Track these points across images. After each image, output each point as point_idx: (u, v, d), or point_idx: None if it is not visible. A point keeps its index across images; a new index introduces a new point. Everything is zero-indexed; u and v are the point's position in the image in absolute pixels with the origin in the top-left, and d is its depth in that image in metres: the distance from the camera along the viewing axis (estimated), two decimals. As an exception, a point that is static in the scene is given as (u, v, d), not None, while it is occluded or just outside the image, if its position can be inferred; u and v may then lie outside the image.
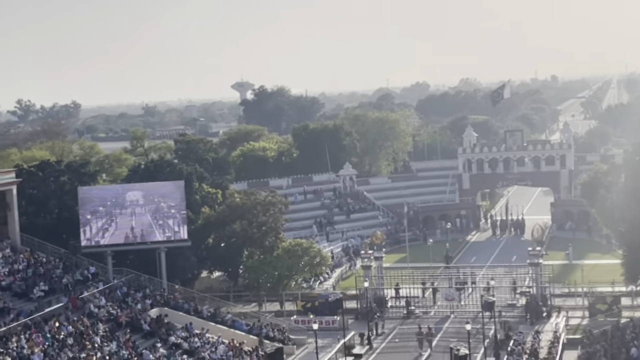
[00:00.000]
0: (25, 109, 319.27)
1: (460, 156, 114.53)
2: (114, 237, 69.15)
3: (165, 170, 79.74)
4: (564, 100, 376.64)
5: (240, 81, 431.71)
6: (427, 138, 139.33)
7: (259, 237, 76.22)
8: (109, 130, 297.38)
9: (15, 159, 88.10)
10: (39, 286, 59.65)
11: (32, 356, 48.84)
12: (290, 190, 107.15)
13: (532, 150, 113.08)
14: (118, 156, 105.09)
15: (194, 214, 76.88)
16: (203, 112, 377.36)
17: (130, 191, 70.41)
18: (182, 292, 69.46)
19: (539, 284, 68.36)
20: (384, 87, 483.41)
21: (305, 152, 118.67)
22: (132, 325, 59.55)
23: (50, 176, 76.14)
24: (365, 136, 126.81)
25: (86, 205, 69.16)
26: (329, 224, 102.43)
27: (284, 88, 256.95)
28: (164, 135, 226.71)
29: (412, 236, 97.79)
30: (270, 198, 79.83)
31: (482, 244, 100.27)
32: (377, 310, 68.74)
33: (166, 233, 70.12)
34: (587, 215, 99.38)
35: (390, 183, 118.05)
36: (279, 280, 74.31)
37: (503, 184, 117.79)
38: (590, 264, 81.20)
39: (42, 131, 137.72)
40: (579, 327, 64.31)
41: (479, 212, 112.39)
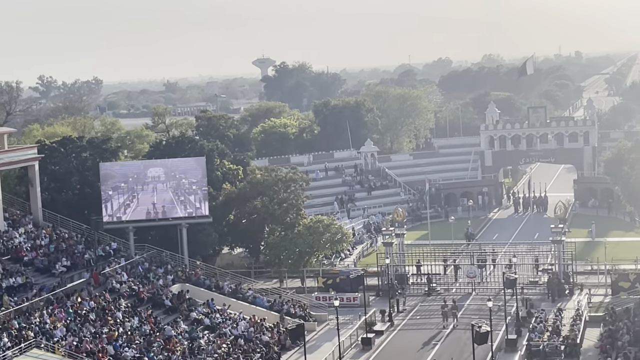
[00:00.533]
0: (47, 85, 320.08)
1: (482, 133, 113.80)
2: (135, 213, 69.39)
3: (186, 147, 79.75)
4: (588, 76, 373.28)
5: (261, 57, 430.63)
6: (450, 114, 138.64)
7: (280, 213, 76.18)
8: (131, 107, 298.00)
9: (37, 135, 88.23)
10: (61, 262, 59.97)
11: (54, 331, 49.16)
12: (312, 166, 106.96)
13: (555, 127, 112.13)
14: (139, 132, 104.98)
15: (215, 191, 76.91)
16: (224, 89, 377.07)
17: (151, 167, 70.57)
18: (203, 268, 69.64)
19: (562, 261, 67.98)
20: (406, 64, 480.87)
21: (326, 129, 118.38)
22: (153, 300, 59.80)
23: (72, 152, 76.34)
24: (386, 113, 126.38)
25: (108, 182, 69.35)
26: (350, 201, 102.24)
27: (305, 64, 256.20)
28: (185, 112, 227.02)
29: (434, 213, 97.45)
30: (292, 175, 79.72)
31: (504, 221, 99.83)
32: (398, 287, 68.61)
33: (187, 209, 70.30)
34: (610, 193, 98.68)
35: (411, 160, 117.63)
36: (300, 257, 74.25)
37: (526, 161, 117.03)
38: (613, 242, 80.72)
39: (63, 107, 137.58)
40: (601, 305, 63.91)
41: (501, 189, 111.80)
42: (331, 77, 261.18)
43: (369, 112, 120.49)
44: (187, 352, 52.21)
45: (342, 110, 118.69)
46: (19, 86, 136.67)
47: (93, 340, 49.55)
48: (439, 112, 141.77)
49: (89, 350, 47.86)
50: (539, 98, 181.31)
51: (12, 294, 52.83)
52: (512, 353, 54.11)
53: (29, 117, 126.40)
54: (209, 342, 54.99)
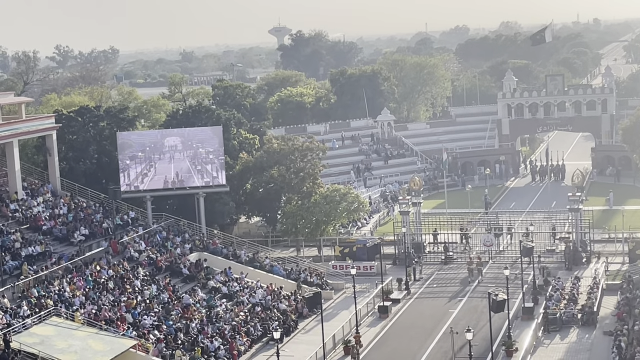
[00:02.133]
0: (64, 55, 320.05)
1: (499, 101, 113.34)
2: (153, 182, 69.63)
3: (203, 116, 79.83)
4: (606, 43, 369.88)
5: (277, 26, 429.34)
6: (467, 83, 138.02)
7: (296, 182, 76.34)
8: (147, 76, 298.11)
9: (55, 105, 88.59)
10: (79, 230, 60.37)
11: (73, 299, 49.57)
12: (328, 136, 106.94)
13: (573, 94, 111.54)
14: (156, 102, 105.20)
15: (232, 160, 77.08)
16: (240, 58, 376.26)
17: (168, 137, 70.70)
18: (220, 237, 69.93)
19: (579, 229, 67.85)
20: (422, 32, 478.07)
21: (342, 98, 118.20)
22: (171, 269, 60.15)
23: (89, 121, 76.59)
24: (403, 81, 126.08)
25: (125, 151, 69.57)
26: (366, 170, 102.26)
27: (321, 33, 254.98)
28: (202, 81, 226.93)
29: (451, 182, 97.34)
30: (308, 144, 79.75)
31: (521, 190, 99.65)
32: (414, 256, 68.73)
33: (204, 178, 70.46)
34: (629, 161, 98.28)
35: (428, 129, 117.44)
36: (316, 226, 74.45)
37: (543, 129, 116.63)
38: (631, 210, 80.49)
39: (80, 77, 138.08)
40: (618, 273, 63.81)
41: (519, 158, 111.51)
42: (347, 46, 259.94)
43: (386, 81, 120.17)
44: (205, 320, 52.56)
45: (358, 79, 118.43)
46: (36, 56, 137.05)
47: (112, 308, 49.96)
48: (456, 80, 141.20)
49: (108, 318, 48.26)
50: (557, 66, 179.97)
51: (32, 262, 53.27)
52: (528, 321, 54.19)
53: (46, 87, 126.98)
54: (226, 310, 55.32)
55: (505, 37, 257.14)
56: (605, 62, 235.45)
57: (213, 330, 51.62)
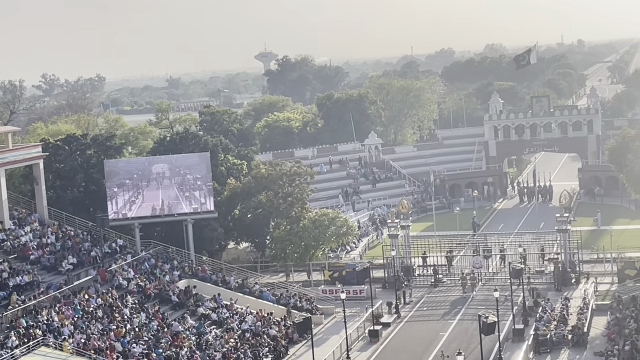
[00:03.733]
0: (50, 83, 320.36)
1: (486, 123, 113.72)
2: (141, 210, 69.44)
3: (190, 142, 79.79)
4: (590, 64, 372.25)
5: (263, 51, 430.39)
6: (453, 105, 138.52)
7: (285, 207, 76.26)
8: (134, 103, 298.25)
9: (42, 133, 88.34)
10: (67, 259, 60.11)
11: (62, 328, 49.27)
12: (316, 160, 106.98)
13: (559, 115, 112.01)
14: (143, 129, 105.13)
15: (220, 186, 77.01)
16: (227, 84, 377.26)
17: (156, 164, 70.62)
18: (209, 263, 69.72)
19: (568, 250, 67.96)
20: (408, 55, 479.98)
21: (330, 122, 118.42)
22: (160, 296, 59.89)
23: (76, 150, 76.39)
24: (390, 105, 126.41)
25: (113, 178, 69.43)
26: (355, 194, 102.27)
27: (307, 58, 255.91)
28: (189, 107, 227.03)
29: (439, 204, 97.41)
30: (296, 168, 79.75)
31: (509, 211, 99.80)
32: (404, 279, 68.67)
33: (193, 205, 70.34)
34: (615, 181, 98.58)
35: (416, 151, 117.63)
36: (305, 251, 74.36)
37: (530, 151, 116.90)
38: (619, 229, 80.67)
39: (67, 105, 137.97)
40: (608, 293, 63.85)
41: (506, 179, 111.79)
42: (334, 70, 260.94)
43: (372, 105, 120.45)
44: (194, 348, 52.31)
45: (345, 103, 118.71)
46: (22, 85, 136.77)
47: (101, 337, 49.69)
48: (442, 103, 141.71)
49: (97, 347, 47.98)
50: (542, 87, 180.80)
51: (20, 292, 52.94)
52: (519, 343, 54.12)
53: (33, 116, 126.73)
54: (216, 337, 55.11)
55: (490, 59, 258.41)
56: (590, 83, 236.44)
57: (203, 357, 51.35)
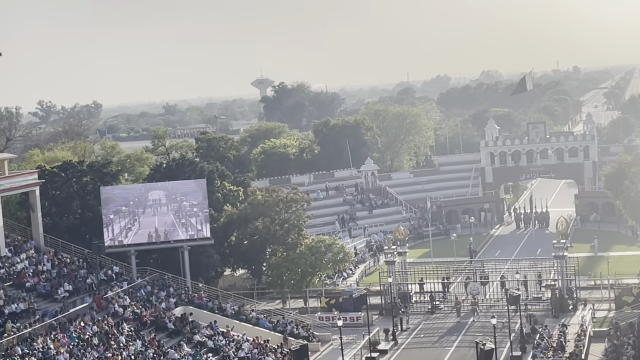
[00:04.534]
0: (47, 110, 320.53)
1: (482, 149, 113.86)
2: (137, 237, 69.34)
3: (186, 169, 79.78)
4: (586, 91, 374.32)
5: (260, 78, 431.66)
6: (449, 132, 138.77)
7: (281, 234, 76.15)
8: (130, 130, 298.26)
9: (38, 160, 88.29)
10: (63, 287, 59.89)
11: (57, 356, 49.03)
12: (312, 186, 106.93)
13: (555, 142, 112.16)
14: (139, 155, 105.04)
15: (216, 212, 76.92)
16: (223, 110, 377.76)
17: (152, 190, 70.61)
18: (205, 290, 69.49)
19: (565, 276, 67.87)
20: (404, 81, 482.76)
21: (326, 148, 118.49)
22: (156, 324, 59.64)
23: (72, 177, 76.35)
24: (386, 131, 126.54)
25: (109, 205, 69.37)
26: (351, 220, 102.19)
27: (304, 84, 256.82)
28: (185, 134, 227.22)
29: (435, 231, 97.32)
30: (292, 195, 79.68)
31: (506, 238, 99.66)
32: (401, 306, 68.47)
33: (189, 231, 70.27)
34: (612, 207, 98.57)
35: (412, 178, 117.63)
36: (302, 277, 74.18)
37: (526, 177, 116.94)
38: (616, 256, 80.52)
39: (63, 132, 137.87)
40: (605, 320, 63.68)
41: (503, 206, 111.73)
42: (330, 97, 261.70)
43: (369, 131, 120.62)
44: (191, 375, 52.01)
45: (341, 130, 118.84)
46: (19, 112, 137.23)
47: (96, 365, 49.41)
48: (439, 129, 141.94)
49: (93, 375, 47.71)
50: (538, 113, 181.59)
51: (15, 320, 52.72)
52: (517, 370, 53.90)
53: (29, 143, 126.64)
54: (212, 364, 54.80)
55: (486, 85, 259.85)
56: (586, 109, 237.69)
57: (199, 385, 51.05)
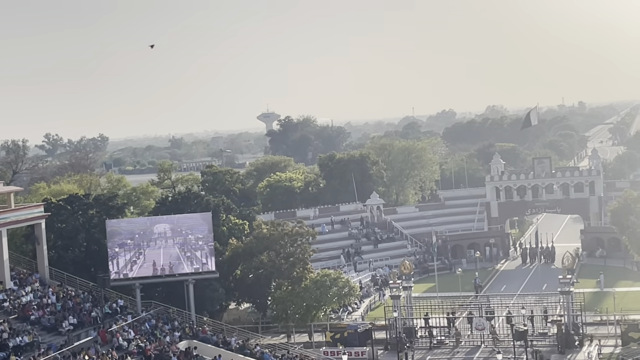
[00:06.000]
0: (53, 143, 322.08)
1: (488, 184, 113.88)
2: (142, 270, 69.28)
3: (192, 202, 79.91)
4: (591, 126, 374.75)
5: (266, 112, 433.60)
6: (455, 166, 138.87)
7: (286, 268, 76.03)
8: (136, 163, 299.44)
9: (44, 193, 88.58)
10: (68, 320, 59.77)
11: (61, 390, 48.79)
12: (318, 220, 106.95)
13: (561, 177, 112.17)
14: (145, 189, 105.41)
15: (222, 246, 76.92)
16: (229, 144, 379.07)
17: (158, 223, 70.65)
18: (210, 324, 69.31)
19: (571, 312, 67.57)
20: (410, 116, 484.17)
21: (332, 182, 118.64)
22: (161, 358, 59.32)
23: (78, 210, 76.53)
24: (392, 165, 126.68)
25: (114, 238, 69.40)
26: (356, 254, 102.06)
27: (309, 118, 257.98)
28: (191, 167, 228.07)
29: (441, 265, 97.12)
30: (298, 229, 79.64)
31: (512, 273, 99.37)
32: (406, 341, 68.16)
33: (194, 265, 70.23)
34: (618, 242, 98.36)
35: (418, 212, 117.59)
36: (307, 311, 73.90)
37: (532, 212, 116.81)
38: (622, 292, 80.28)
39: (69, 165, 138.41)
40: (611, 356, 63.42)
41: (508, 241, 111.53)
42: (335, 131, 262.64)
43: (374, 165, 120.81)
44: (195, 410, 51.74)
45: (347, 164, 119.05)
46: (25, 145, 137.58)
47: (100, 399, 49.18)
48: (444, 163, 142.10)
49: (96, 409, 47.47)
50: (544, 148, 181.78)
51: (19, 353, 52.59)
52: (523, 406, 53.54)
53: (35, 176, 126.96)
54: (217, 399, 54.50)
55: (491, 120, 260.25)
56: (592, 145, 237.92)
57: (203, 420, 50.77)
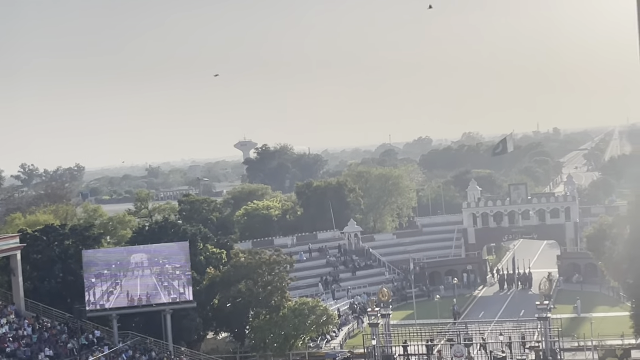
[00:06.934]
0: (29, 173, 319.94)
1: (464, 210, 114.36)
2: (119, 300, 68.91)
3: (169, 232, 79.67)
4: (566, 152, 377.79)
5: (243, 140, 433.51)
6: (431, 193, 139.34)
7: (264, 296, 75.82)
8: (113, 192, 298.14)
9: (20, 224, 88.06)
10: (44, 352, 59.32)
11: (37, 423, 48.32)
12: (295, 248, 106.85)
13: (537, 203, 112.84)
14: (122, 218, 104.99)
15: (199, 275, 76.63)
16: (206, 172, 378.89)
17: (134, 253, 70.41)
18: (188, 354, 68.94)
19: (548, 338, 67.62)
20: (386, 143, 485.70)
21: (309, 210, 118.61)
22: (138, 389, 58.98)
23: (54, 240, 76.07)
24: (369, 192, 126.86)
25: (91, 269, 69.05)
26: (334, 282, 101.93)
27: (286, 146, 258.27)
28: (168, 196, 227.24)
29: (419, 292, 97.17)
30: (275, 257, 79.57)
31: (489, 299, 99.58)
32: (385, 369, 67.99)
33: (171, 295, 69.94)
34: (594, 268, 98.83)
35: (395, 239, 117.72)
36: (285, 340, 73.69)
37: (508, 238, 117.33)
38: (599, 317, 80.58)
39: (45, 195, 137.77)
40: (590, 382, 63.52)
41: (486, 267, 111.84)
42: (313, 158, 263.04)
43: (351, 192, 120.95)
44: None
45: (324, 191, 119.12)
46: (1, 175, 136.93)
47: None
48: (421, 190, 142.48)
49: None
50: (519, 175, 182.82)
51: (-6, 386, 52.09)
52: None
53: (11, 206, 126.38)
54: None
55: (467, 147, 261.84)
56: (567, 170, 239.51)
57: None
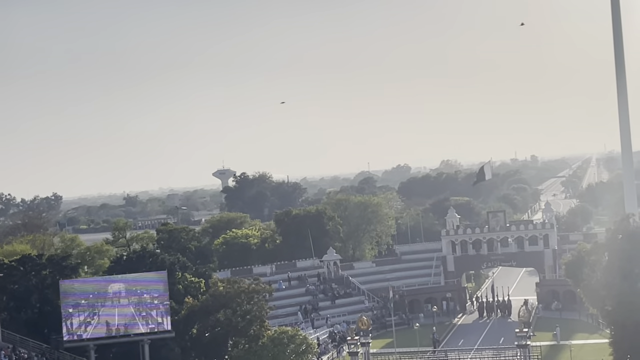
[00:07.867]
0: (6, 203, 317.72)
1: (443, 238, 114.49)
2: (96, 330, 68.44)
3: (147, 261, 79.21)
4: (544, 179, 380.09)
5: (221, 168, 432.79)
6: (410, 221, 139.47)
7: (243, 326, 75.38)
8: (91, 222, 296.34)
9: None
10: (20, 383, 58.58)
11: None
12: (274, 277, 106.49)
13: (515, 230, 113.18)
14: (100, 248, 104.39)
15: (178, 304, 76.11)
16: (185, 201, 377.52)
17: (112, 283, 70.05)
18: (166, 384, 68.31)
19: (528, 366, 67.65)
20: (365, 171, 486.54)
21: (288, 238, 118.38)
22: (115, 420, 58.34)
23: (31, 270, 75.52)
24: (348, 220, 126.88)
25: (68, 299, 68.54)
26: (314, 310, 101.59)
27: (265, 174, 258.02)
28: (146, 225, 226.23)
29: (398, 320, 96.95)
30: (254, 286, 79.20)
31: (469, 327, 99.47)
32: (365, 398, 67.69)
33: (149, 324, 69.49)
34: (573, 295, 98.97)
35: (374, 267, 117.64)
36: (265, 370, 73.20)
37: (488, 265, 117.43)
38: (578, 344, 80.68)
39: (22, 225, 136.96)
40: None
41: (465, 294, 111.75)
42: (291, 187, 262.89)
43: (331, 221, 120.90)
44: None
45: (303, 220, 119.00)
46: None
47: None
48: (400, 218, 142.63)
49: None
50: (498, 202, 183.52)
51: (-31, 418, 51.37)
52: None
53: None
54: None
55: (446, 175, 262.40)
56: (545, 198, 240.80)
57: None
